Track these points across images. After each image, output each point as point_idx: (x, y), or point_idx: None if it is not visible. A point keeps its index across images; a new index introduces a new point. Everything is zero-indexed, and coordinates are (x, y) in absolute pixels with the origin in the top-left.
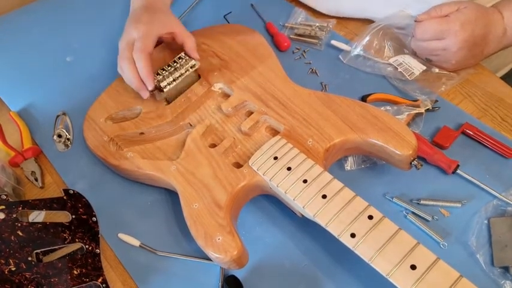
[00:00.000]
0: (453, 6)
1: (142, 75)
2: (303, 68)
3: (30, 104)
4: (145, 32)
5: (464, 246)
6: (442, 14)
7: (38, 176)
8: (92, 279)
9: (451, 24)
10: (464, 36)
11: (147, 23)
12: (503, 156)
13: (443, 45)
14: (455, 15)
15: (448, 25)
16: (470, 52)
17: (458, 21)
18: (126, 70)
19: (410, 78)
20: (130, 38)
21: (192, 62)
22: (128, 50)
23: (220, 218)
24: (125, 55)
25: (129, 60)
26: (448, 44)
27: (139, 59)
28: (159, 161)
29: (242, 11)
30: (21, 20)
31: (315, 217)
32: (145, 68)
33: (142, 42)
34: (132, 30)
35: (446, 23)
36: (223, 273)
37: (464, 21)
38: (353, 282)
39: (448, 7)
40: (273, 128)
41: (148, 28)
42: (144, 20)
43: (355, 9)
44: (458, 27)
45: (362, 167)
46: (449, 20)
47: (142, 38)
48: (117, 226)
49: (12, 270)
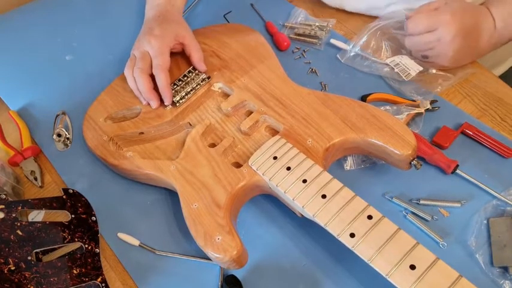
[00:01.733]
0: (441, 1)
1: (162, 90)
2: (303, 68)
3: (29, 103)
4: (160, 48)
5: (464, 246)
6: (431, 9)
7: (38, 176)
8: (91, 279)
9: (441, 15)
10: (456, 25)
11: (158, 37)
12: (502, 156)
13: (436, 36)
14: (444, 7)
15: (438, 16)
16: (466, 41)
17: (448, 11)
18: (140, 81)
19: (407, 79)
20: (143, 49)
21: (202, 76)
22: (142, 61)
23: (219, 218)
24: (140, 65)
25: (143, 72)
26: (442, 33)
27: (159, 76)
28: (159, 161)
29: (242, 11)
30: (21, 19)
31: (314, 217)
32: (166, 85)
33: (161, 59)
34: (145, 43)
35: (436, 14)
36: (223, 273)
37: (453, 12)
38: (352, 282)
39: (436, 3)
40: (273, 128)
41: (160, 43)
42: (157, 33)
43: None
44: (448, 16)
45: (361, 166)
46: (439, 12)
47: (160, 55)
48: (117, 225)
49: (12, 269)
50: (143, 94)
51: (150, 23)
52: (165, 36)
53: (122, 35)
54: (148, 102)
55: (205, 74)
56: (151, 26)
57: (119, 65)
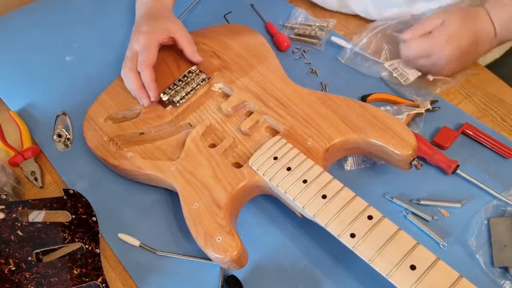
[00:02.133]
0: (437, 20)
1: (147, 86)
2: (303, 68)
3: (30, 104)
4: (147, 44)
5: (464, 247)
6: (426, 31)
7: (38, 176)
8: (91, 279)
9: (435, 40)
10: (451, 50)
11: (147, 33)
12: (503, 157)
13: (431, 62)
14: (439, 30)
15: (432, 43)
16: (460, 61)
17: (443, 36)
18: (129, 79)
19: (405, 84)
20: (133, 48)
21: (202, 76)
22: (130, 60)
23: (220, 218)
24: (128, 65)
25: (131, 70)
26: (436, 60)
27: (143, 72)
28: (159, 161)
29: (242, 11)
30: (21, 19)
31: (314, 217)
32: (149, 80)
33: (145, 55)
34: (134, 42)
35: (430, 41)
36: (223, 273)
37: (449, 36)
38: (353, 282)
39: (432, 21)
40: (273, 128)
41: (148, 39)
42: (144, 29)
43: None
44: (443, 42)
45: (362, 167)
46: (433, 37)
47: (144, 50)
48: (117, 226)
49: (12, 269)
50: (132, 93)
51: (139, 21)
52: (152, 32)
53: (122, 35)
54: (140, 101)
55: (205, 74)
56: (139, 24)
57: (119, 66)
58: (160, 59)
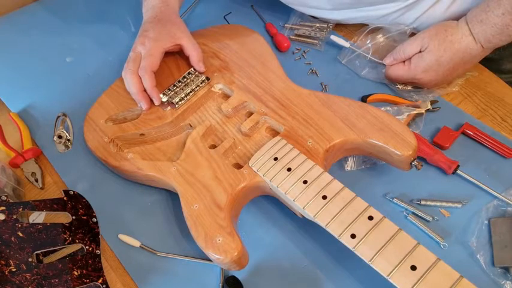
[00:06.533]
0: (415, 47)
1: (149, 92)
2: (303, 69)
3: (30, 105)
4: (151, 51)
5: (465, 247)
6: (406, 56)
7: (38, 177)
8: (92, 280)
9: (413, 71)
10: (431, 78)
11: (153, 40)
12: (503, 157)
13: (417, 84)
14: (417, 61)
15: (412, 72)
16: (447, 79)
17: (419, 68)
18: (130, 82)
19: (402, 89)
20: (137, 50)
21: (202, 77)
22: (133, 63)
23: (220, 219)
24: (130, 66)
25: (133, 73)
26: (419, 84)
27: (144, 77)
28: (159, 162)
29: (242, 12)
30: (21, 20)
31: (315, 218)
32: (151, 87)
33: (148, 61)
34: (139, 45)
35: (409, 70)
36: (224, 274)
37: (425, 67)
38: (353, 283)
39: (411, 47)
40: (273, 129)
41: (154, 46)
42: (151, 35)
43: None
44: (420, 73)
45: (362, 167)
46: (411, 68)
47: (148, 56)
48: (118, 227)
49: (13, 271)
50: (132, 96)
51: (146, 25)
52: (159, 39)
53: (122, 36)
54: (139, 104)
55: (204, 76)
56: (146, 28)
57: (119, 67)
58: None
